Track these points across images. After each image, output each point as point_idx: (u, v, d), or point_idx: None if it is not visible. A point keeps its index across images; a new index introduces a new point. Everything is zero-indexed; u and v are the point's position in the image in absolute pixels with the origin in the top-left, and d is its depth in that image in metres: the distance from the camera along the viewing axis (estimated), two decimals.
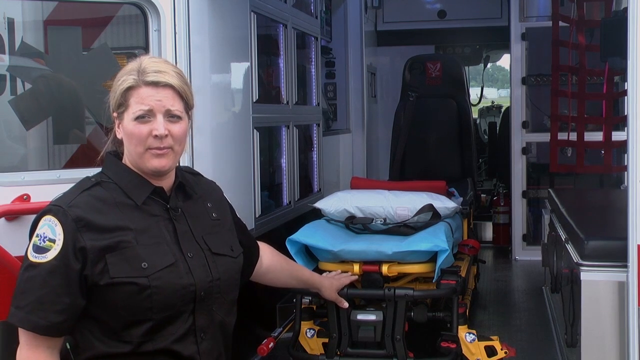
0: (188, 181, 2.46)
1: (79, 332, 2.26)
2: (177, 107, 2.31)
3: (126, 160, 2.36)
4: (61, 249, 2.18)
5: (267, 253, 2.90)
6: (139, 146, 2.28)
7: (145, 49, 3.62)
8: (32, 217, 3.16)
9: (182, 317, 2.29)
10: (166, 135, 2.28)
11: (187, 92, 2.36)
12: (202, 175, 2.60)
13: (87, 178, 2.33)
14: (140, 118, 2.27)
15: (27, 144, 4.04)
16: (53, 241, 2.18)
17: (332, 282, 3.44)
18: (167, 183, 2.38)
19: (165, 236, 2.31)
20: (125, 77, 2.29)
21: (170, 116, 2.30)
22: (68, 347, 2.28)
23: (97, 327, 2.25)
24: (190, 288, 2.29)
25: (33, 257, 2.20)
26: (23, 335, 2.21)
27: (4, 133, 4.05)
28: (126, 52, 4.06)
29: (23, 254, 2.26)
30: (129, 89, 2.27)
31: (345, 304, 3.70)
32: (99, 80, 3.78)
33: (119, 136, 2.35)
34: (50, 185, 3.29)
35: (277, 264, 2.94)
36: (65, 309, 2.19)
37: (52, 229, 2.20)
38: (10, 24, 3.99)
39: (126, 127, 2.29)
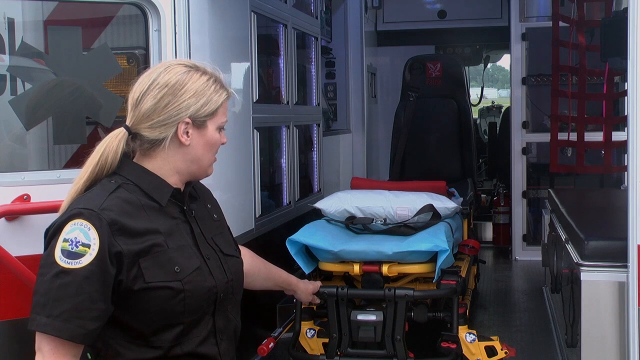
0: (192, 183, 2.48)
1: (101, 340, 2.19)
2: None
3: (156, 164, 2.30)
4: (97, 253, 2.09)
5: (246, 256, 2.86)
6: (213, 154, 2.37)
7: (145, 49, 3.62)
8: (33, 217, 3.18)
9: (205, 319, 2.30)
10: None
11: None
12: None
13: (108, 180, 2.26)
14: (221, 129, 2.36)
15: (27, 144, 4.03)
16: (87, 246, 2.09)
17: (307, 286, 3.54)
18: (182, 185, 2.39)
19: (187, 239, 2.30)
20: (217, 87, 2.32)
21: None
22: (89, 357, 2.22)
23: (123, 334, 2.20)
24: (213, 290, 2.29)
25: (65, 262, 2.08)
26: (48, 343, 2.08)
27: (4, 133, 4.04)
28: (126, 52, 4.06)
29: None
30: (225, 100, 2.35)
31: (317, 300, 3.78)
32: (99, 81, 3.78)
33: (186, 143, 2.28)
34: (50, 185, 3.29)
35: (256, 267, 2.95)
36: (100, 316, 2.11)
37: (84, 234, 2.10)
38: (10, 24, 3.99)
39: (210, 136, 2.32)
